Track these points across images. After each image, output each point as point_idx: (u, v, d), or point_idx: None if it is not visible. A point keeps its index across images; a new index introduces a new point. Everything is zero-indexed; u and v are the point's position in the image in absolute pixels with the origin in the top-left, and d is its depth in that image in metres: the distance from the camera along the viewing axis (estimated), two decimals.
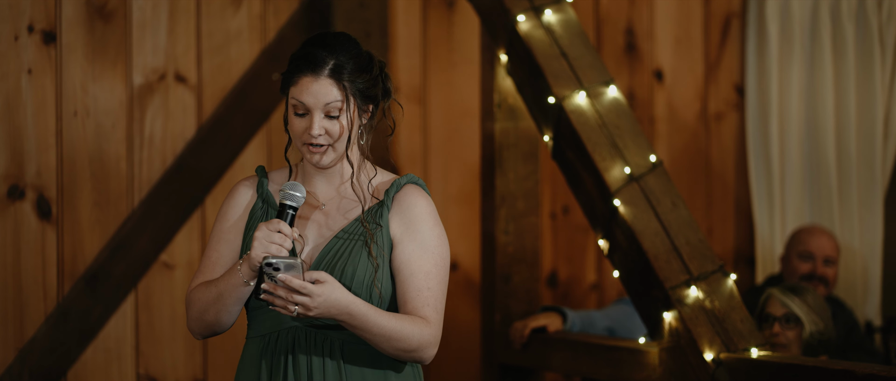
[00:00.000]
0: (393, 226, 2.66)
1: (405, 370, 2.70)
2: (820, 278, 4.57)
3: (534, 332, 4.02)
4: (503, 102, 4.13)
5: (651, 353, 3.57)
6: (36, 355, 4.01)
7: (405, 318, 2.60)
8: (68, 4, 4.06)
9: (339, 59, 2.62)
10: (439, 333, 2.65)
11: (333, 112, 2.62)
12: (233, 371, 4.33)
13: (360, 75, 2.64)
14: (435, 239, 2.67)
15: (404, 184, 2.70)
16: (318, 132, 2.62)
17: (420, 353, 2.62)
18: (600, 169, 3.66)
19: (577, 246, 4.98)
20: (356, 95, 2.63)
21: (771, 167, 5.12)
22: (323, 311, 2.50)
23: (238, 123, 4.33)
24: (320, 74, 2.61)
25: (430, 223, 2.67)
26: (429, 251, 2.66)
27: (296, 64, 2.64)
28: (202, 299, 2.67)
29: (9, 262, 3.97)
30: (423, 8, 4.67)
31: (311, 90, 2.62)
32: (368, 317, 2.54)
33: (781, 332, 3.86)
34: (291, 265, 2.49)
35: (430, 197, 2.71)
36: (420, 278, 2.64)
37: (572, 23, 3.90)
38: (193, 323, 2.71)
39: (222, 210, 2.75)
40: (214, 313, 2.66)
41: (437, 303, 2.65)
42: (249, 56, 4.36)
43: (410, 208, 2.67)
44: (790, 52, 5.13)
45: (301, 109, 2.63)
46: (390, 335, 2.57)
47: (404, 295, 2.63)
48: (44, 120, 4.02)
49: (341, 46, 2.64)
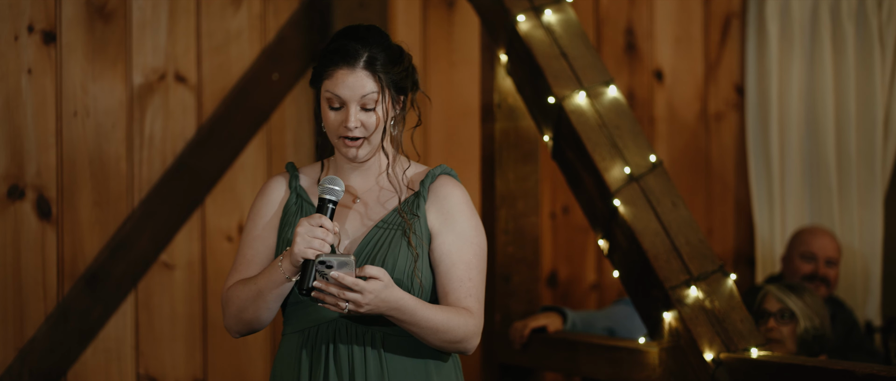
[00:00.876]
0: (430, 217, 2.66)
1: (443, 360, 2.70)
2: (822, 278, 4.57)
3: (534, 332, 4.02)
4: (503, 101, 4.13)
5: (651, 353, 3.57)
6: (36, 355, 4.01)
7: (450, 310, 2.60)
8: (68, 4, 4.06)
9: (372, 50, 2.62)
10: (481, 323, 2.66)
11: (369, 104, 2.63)
12: (232, 371, 4.33)
13: (393, 67, 2.64)
14: (472, 230, 2.67)
15: (439, 175, 2.71)
16: (354, 125, 2.62)
17: (465, 344, 2.63)
18: (600, 169, 3.66)
19: (576, 246, 4.98)
20: (390, 86, 2.64)
21: (771, 167, 5.12)
22: (373, 308, 2.51)
23: (238, 122, 4.33)
24: (356, 66, 2.61)
25: (467, 214, 2.68)
26: (468, 242, 2.66)
27: (329, 57, 2.63)
28: (241, 297, 2.66)
29: (9, 262, 3.97)
30: (423, 8, 4.67)
31: (348, 83, 2.61)
32: (417, 312, 2.55)
33: (776, 327, 3.88)
34: (344, 263, 2.48)
35: (464, 188, 2.71)
36: (461, 268, 2.64)
37: (572, 23, 3.90)
38: (231, 321, 2.70)
39: (255, 208, 2.75)
40: (254, 310, 2.66)
41: (478, 293, 2.65)
42: (249, 56, 4.36)
43: (447, 199, 2.67)
44: (790, 52, 5.13)
45: (336, 102, 2.63)
46: (438, 327, 2.58)
47: (445, 286, 2.63)
48: (44, 120, 4.02)
49: (373, 38, 2.64)
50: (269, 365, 4.37)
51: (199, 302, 4.27)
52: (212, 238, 4.30)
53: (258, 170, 4.37)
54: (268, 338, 4.38)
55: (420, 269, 2.62)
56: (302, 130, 4.43)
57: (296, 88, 4.43)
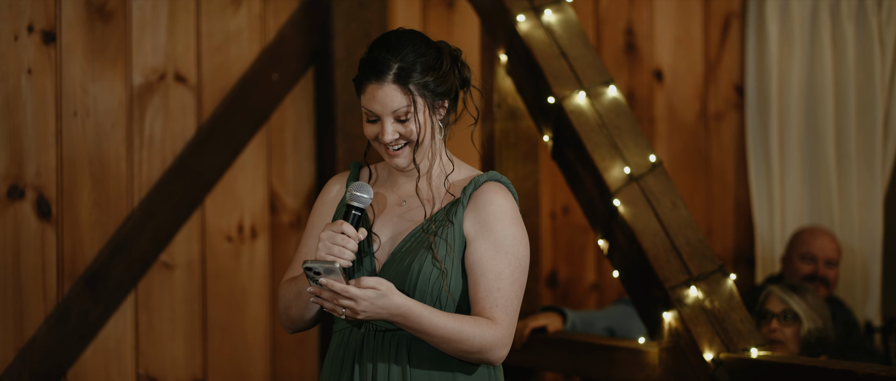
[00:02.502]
0: (467, 224, 2.61)
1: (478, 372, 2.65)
2: (821, 279, 4.57)
3: (534, 332, 4.02)
4: (503, 102, 4.13)
5: (651, 353, 3.57)
6: (36, 355, 4.01)
7: (466, 319, 2.55)
8: (68, 4, 4.05)
9: (403, 61, 2.58)
10: (509, 334, 2.59)
11: (402, 116, 2.60)
12: (232, 371, 4.33)
13: (428, 74, 2.60)
14: (510, 238, 2.61)
15: (484, 182, 2.66)
16: (390, 139, 2.60)
17: (486, 355, 2.58)
18: (600, 169, 3.66)
19: (576, 246, 4.98)
20: (425, 95, 2.60)
21: (771, 167, 5.12)
22: (371, 314, 2.49)
23: (238, 123, 4.33)
24: (384, 80, 2.57)
25: (505, 223, 2.61)
26: (502, 251, 2.59)
27: (363, 71, 2.60)
28: (286, 295, 2.68)
29: (8, 262, 3.97)
30: (423, 8, 4.67)
31: (378, 98, 2.58)
32: (423, 319, 2.51)
33: (779, 328, 3.88)
34: (330, 270, 2.47)
35: (511, 196, 2.65)
36: (491, 278, 2.58)
37: (572, 23, 3.90)
38: (282, 318, 2.72)
39: (314, 206, 2.77)
40: (297, 309, 2.67)
41: (507, 304, 2.58)
42: (249, 56, 4.36)
43: (486, 206, 2.61)
44: (790, 52, 5.13)
45: (371, 116, 2.61)
46: (449, 336, 2.53)
47: (475, 295, 2.59)
48: (43, 120, 4.02)
49: (405, 46, 2.60)
50: (269, 365, 4.39)
51: (199, 302, 4.27)
52: (212, 238, 4.30)
53: (258, 170, 4.38)
54: (267, 338, 4.38)
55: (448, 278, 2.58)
56: (302, 130, 4.43)
57: (296, 88, 4.43)
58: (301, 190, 4.44)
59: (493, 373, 2.69)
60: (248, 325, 4.35)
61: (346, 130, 4.38)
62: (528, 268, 2.64)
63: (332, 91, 4.38)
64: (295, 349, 4.43)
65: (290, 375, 4.42)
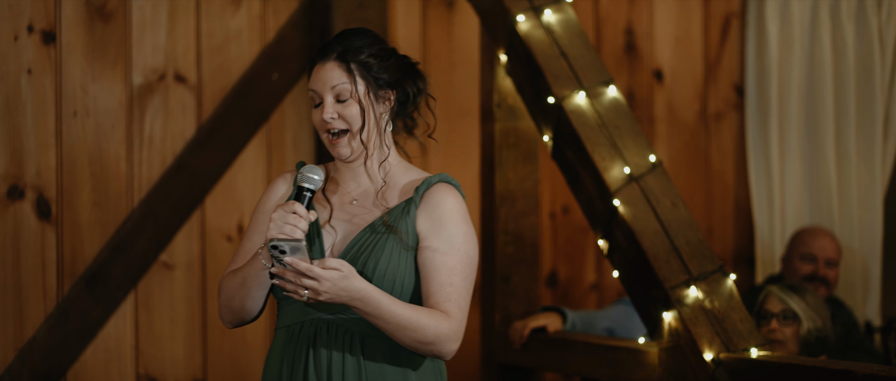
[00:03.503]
0: (419, 222, 2.66)
1: (425, 367, 2.70)
2: (821, 279, 4.57)
3: (533, 332, 4.02)
4: (503, 102, 4.13)
5: (651, 353, 3.57)
6: (36, 355, 4.01)
7: (423, 310, 2.60)
8: (68, 4, 4.06)
9: (349, 44, 2.65)
10: (461, 329, 2.64)
11: (343, 95, 2.64)
12: (232, 371, 4.33)
13: (373, 59, 2.66)
14: (461, 237, 2.67)
15: (436, 182, 2.71)
16: (330, 115, 2.64)
17: (438, 347, 2.62)
18: (600, 169, 3.66)
19: (576, 246, 4.98)
20: (366, 78, 2.65)
21: (770, 167, 5.12)
22: (332, 296, 2.51)
23: (238, 123, 4.34)
24: (327, 59, 2.65)
25: (457, 221, 2.67)
26: (454, 248, 2.65)
27: (311, 58, 2.68)
28: (229, 285, 2.70)
29: (8, 262, 3.97)
30: (423, 8, 4.67)
31: (319, 75, 2.65)
32: (382, 304, 2.54)
33: (779, 328, 3.88)
34: (296, 248, 2.48)
35: (461, 197, 2.71)
36: (444, 273, 2.63)
37: (572, 23, 3.90)
38: (223, 310, 2.74)
39: (259, 202, 2.78)
40: (240, 299, 2.68)
41: (459, 299, 2.64)
42: (249, 56, 4.36)
43: (438, 206, 2.67)
44: (790, 52, 5.13)
45: (316, 98, 2.66)
46: (405, 324, 2.56)
47: (427, 289, 2.63)
48: (43, 120, 4.02)
49: (355, 35, 2.67)
50: None
51: (199, 302, 4.27)
52: (211, 238, 4.30)
53: (258, 170, 4.38)
54: (267, 338, 4.38)
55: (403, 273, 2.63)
56: (301, 130, 4.44)
57: (295, 88, 4.43)
58: None
59: (440, 370, 2.75)
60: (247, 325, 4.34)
61: None
62: (476, 266, 2.70)
63: None
64: None
65: None
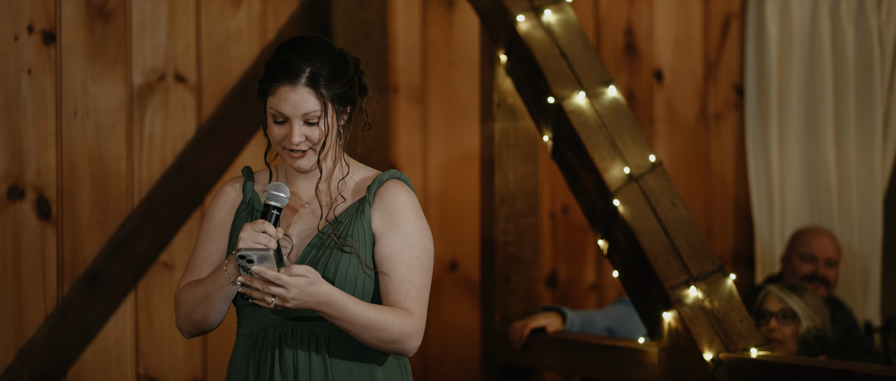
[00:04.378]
0: (375, 220, 2.68)
1: (389, 364, 2.72)
2: (821, 279, 4.57)
3: (533, 332, 4.02)
4: (503, 102, 4.13)
5: (650, 353, 3.57)
6: (36, 355, 4.01)
7: (386, 309, 2.62)
8: (68, 4, 4.06)
9: (314, 65, 2.64)
10: (422, 325, 2.67)
11: (312, 119, 2.65)
12: None
13: (337, 80, 2.66)
14: (416, 233, 2.68)
15: (386, 179, 2.72)
16: (298, 140, 2.65)
17: (402, 344, 2.64)
18: (600, 169, 3.66)
19: (576, 246, 4.98)
20: (333, 100, 2.66)
21: (770, 167, 5.12)
22: (300, 302, 2.53)
23: (238, 123, 4.34)
24: (297, 83, 2.63)
25: (411, 217, 2.69)
26: (410, 245, 2.67)
27: (272, 73, 2.65)
28: (190, 298, 2.70)
29: (9, 262, 3.97)
30: (423, 8, 4.67)
31: (290, 100, 2.63)
32: (347, 307, 2.57)
33: (778, 327, 3.88)
34: (264, 257, 2.51)
35: (412, 192, 2.73)
36: (402, 270, 2.66)
37: (572, 23, 3.91)
38: (182, 322, 2.75)
39: (209, 210, 2.79)
40: (202, 312, 2.70)
41: (419, 295, 2.67)
42: (249, 56, 4.36)
43: (392, 203, 2.69)
44: (790, 53, 5.13)
45: (280, 117, 2.66)
46: (371, 325, 2.59)
47: (386, 288, 2.66)
48: (44, 120, 4.02)
49: (316, 52, 2.65)
50: None
51: None
52: None
53: None
54: None
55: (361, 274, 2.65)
56: None
57: None
58: None
59: (404, 366, 2.76)
60: None
61: None
62: (433, 260, 2.72)
63: None
64: None
65: None
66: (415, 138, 4.65)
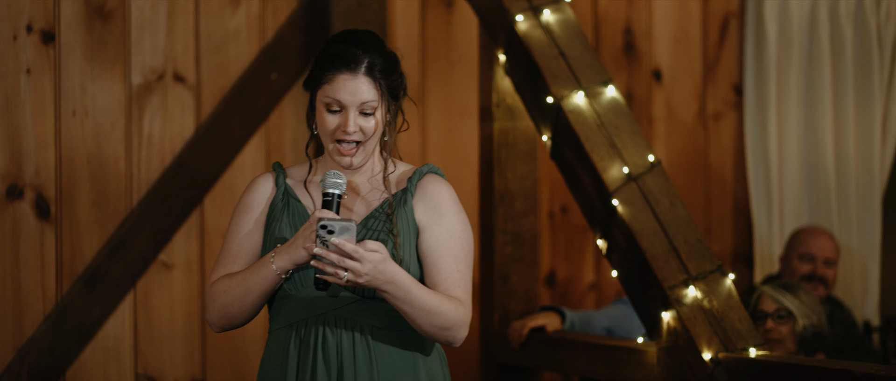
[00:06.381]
0: (418, 212, 2.70)
1: (431, 355, 2.74)
2: (820, 278, 4.57)
3: (532, 332, 4.02)
4: (502, 101, 4.13)
5: (649, 353, 3.57)
6: (34, 354, 4.01)
7: (443, 295, 2.64)
8: (67, 4, 4.06)
9: (372, 56, 2.66)
10: (470, 314, 2.69)
11: (368, 110, 2.66)
12: (231, 371, 4.33)
13: (391, 74, 2.68)
14: (460, 224, 2.72)
15: (426, 172, 2.75)
16: (353, 129, 2.65)
17: (454, 332, 2.65)
18: (599, 169, 3.66)
19: (575, 246, 4.98)
20: (389, 92, 2.68)
21: (769, 167, 5.12)
22: (371, 278, 2.53)
23: (237, 122, 4.34)
24: (357, 71, 2.64)
25: (454, 209, 2.72)
26: (455, 236, 2.70)
27: (330, 61, 2.66)
28: (228, 292, 2.69)
29: (7, 261, 3.97)
30: (422, 8, 4.67)
31: (349, 88, 2.64)
32: (412, 289, 2.58)
33: (774, 327, 3.89)
34: (346, 228, 2.51)
35: (450, 185, 2.76)
36: (449, 260, 2.68)
37: (571, 23, 3.91)
38: (215, 316, 2.73)
39: (242, 203, 2.77)
40: (240, 306, 2.69)
41: (466, 285, 2.69)
42: (248, 56, 4.36)
43: (434, 195, 2.71)
44: (788, 53, 5.13)
45: (336, 105, 2.66)
46: (430, 309, 2.60)
47: (434, 277, 2.67)
48: (42, 120, 4.02)
49: (372, 44, 2.68)
50: None
51: (198, 302, 4.27)
52: (210, 238, 4.30)
53: (257, 169, 4.38)
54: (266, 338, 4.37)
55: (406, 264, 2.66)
56: (300, 130, 4.44)
57: (294, 88, 4.43)
58: None
59: (443, 358, 2.78)
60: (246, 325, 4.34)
61: None
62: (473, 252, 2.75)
63: None
64: None
65: None
66: (414, 138, 4.65)
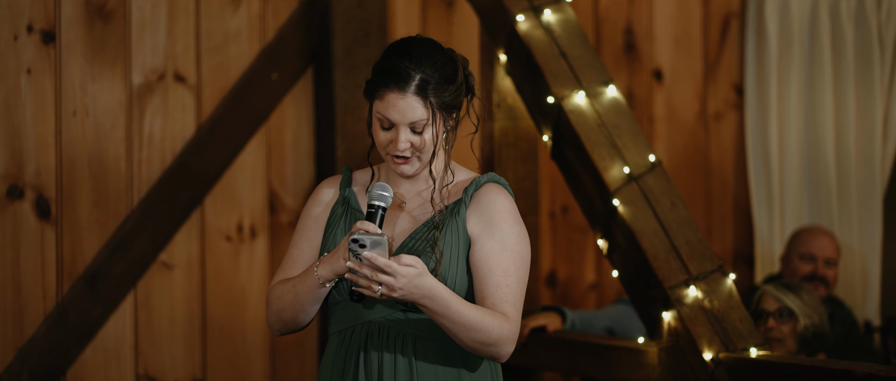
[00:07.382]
0: (470, 223, 2.65)
1: (481, 369, 2.68)
2: (821, 278, 4.57)
3: (533, 332, 4.02)
4: (502, 101, 4.13)
5: (650, 353, 3.57)
6: (35, 354, 4.01)
7: (486, 311, 2.57)
8: (67, 4, 4.06)
9: (425, 73, 2.60)
10: (517, 330, 2.62)
11: (419, 128, 2.62)
12: (231, 371, 4.33)
13: (446, 88, 2.62)
14: (514, 237, 2.64)
15: (484, 182, 2.69)
16: (403, 147, 2.62)
17: (498, 348, 2.60)
18: (599, 169, 3.66)
19: (576, 246, 4.98)
20: (441, 108, 2.62)
21: (770, 167, 5.12)
22: (406, 293, 2.49)
23: (237, 122, 4.33)
24: (406, 91, 2.59)
25: (509, 221, 2.65)
26: (508, 249, 2.63)
27: (381, 77, 2.61)
28: (281, 298, 2.69)
29: (8, 262, 3.97)
30: (423, 8, 4.67)
31: (398, 107, 2.60)
32: (451, 304, 2.52)
33: (776, 326, 3.89)
34: (377, 242, 2.48)
35: (511, 196, 2.69)
36: (498, 274, 2.61)
37: (571, 22, 3.90)
38: (273, 319, 2.73)
39: (306, 208, 2.77)
40: (292, 313, 2.68)
41: (515, 300, 2.62)
42: (249, 56, 4.36)
43: (489, 206, 2.65)
44: (789, 52, 5.13)
45: (386, 123, 2.62)
46: (470, 324, 2.54)
47: (482, 291, 2.61)
48: (43, 120, 4.02)
49: (427, 57, 2.61)
50: (268, 365, 4.38)
51: (199, 302, 4.27)
52: (211, 238, 4.30)
53: (257, 170, 4.38)
54: (267, 338, 4.38)
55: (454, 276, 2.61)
56: (301, 130, 4.44)
57: (295, 88, 4.43)
58: (300, 190, 4.44)
59: (496, 371, 2.72)
60: (247, 325, 4.35)
61: (346, 130, 4.38)
62: (529, 266, 2.67)
63: (331, 91, 4.38)
64: (294, 349, 4.43)
65: (289, 375, 4.42)
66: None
